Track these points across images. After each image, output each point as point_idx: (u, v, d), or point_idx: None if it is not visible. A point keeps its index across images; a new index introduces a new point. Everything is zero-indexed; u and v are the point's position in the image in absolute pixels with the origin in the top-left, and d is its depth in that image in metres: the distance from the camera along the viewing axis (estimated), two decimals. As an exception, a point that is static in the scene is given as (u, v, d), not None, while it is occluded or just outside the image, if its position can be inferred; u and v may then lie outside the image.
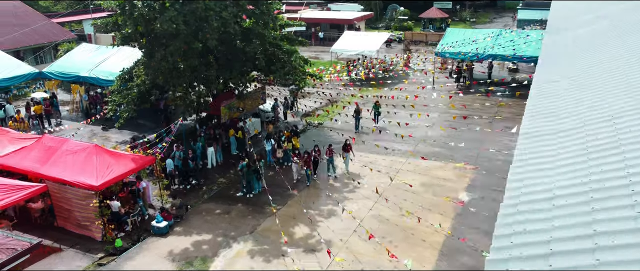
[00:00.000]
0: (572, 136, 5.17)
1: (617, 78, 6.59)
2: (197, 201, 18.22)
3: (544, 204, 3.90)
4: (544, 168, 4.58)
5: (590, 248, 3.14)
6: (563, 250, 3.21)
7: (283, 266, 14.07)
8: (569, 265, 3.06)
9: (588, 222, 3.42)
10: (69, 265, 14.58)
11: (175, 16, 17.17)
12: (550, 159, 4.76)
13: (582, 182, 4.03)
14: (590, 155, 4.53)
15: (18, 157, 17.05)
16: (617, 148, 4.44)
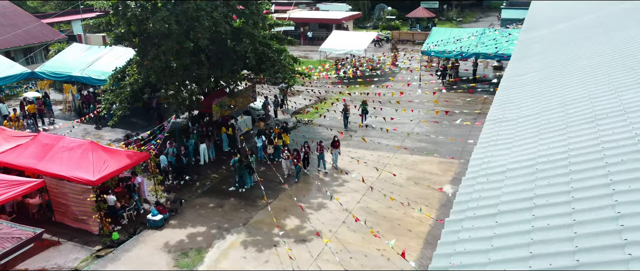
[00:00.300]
0: (530, 120, 5.89)
1: (573, 72, 7.32)
2: (191, 196, 18.78)
3: (498, 176, 4.59)
4: (502, 148, 5.27)
5: (528, 207, 3.82)
6: (506, 209, 3.89)
7: (275, 256, 14.70)
8: (509, 221, 3.73)
9: (531, 188, 4.11)
10: (68, 257, 15.08)
11: (168, 16, 17.70)
12: (509, 140, 5.46)
13: (531, 157, 4.72)
14: (541, 135, 5.23)
15: (15, 154, 17.48)
16: (563, 129, 5.15)
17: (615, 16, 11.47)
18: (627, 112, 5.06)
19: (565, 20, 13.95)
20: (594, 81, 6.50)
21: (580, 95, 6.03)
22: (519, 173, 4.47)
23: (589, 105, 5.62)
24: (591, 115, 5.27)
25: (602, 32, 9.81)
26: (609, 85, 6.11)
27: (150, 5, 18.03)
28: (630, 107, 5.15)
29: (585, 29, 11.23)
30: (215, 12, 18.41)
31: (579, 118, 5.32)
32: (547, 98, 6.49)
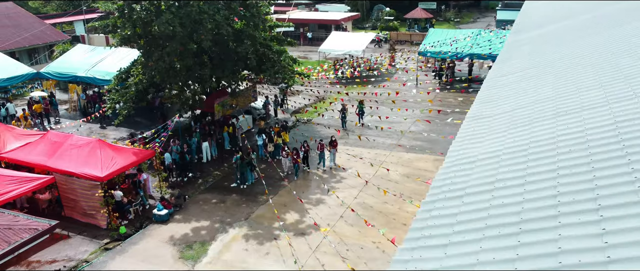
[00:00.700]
0: (504, 117, 6.61)
1: (547, 74, 8.03)
2: (194, 192, 19.50)
3: (468, 166, 5.31)
4: (476, 141, 5.99)
5: (488, 189, 4.53)
6: (471, 192, 4.61)
7: (275, 249, 15.42)
8: (472, 200, 4.43)
9: (493, 174, 4.83)
10: (77, 250, 15.81)
11: (172, 19, 18.42)
12: (483, 134, 6.18)
13: (497, 149, 5.44)
14: (509, 130, 5.95)
15: (25, 151, 18.21)
16: (528, 125, 5.86)
17: (596, 20, 12.19)
18: (583, 109, 5.78)
19: (553, 22, 14.66)
20: (563, 82, 7.22)
21: (547, 95, 6.75)
22: (486, 162, 5.19)
23: (553, 104, 6.34)
24: (554, 112, 5.99)
25: (582, 36, 10.53)
26: (574, 85, 6.83)
27: (155, 8, 18.75)
28: (587, 105, 5.86)
29: (568, 31, 11.95)
30: (218, 14, 19.13)
31: (543, 115, 6.04)
32: (521, 97, 7.21)
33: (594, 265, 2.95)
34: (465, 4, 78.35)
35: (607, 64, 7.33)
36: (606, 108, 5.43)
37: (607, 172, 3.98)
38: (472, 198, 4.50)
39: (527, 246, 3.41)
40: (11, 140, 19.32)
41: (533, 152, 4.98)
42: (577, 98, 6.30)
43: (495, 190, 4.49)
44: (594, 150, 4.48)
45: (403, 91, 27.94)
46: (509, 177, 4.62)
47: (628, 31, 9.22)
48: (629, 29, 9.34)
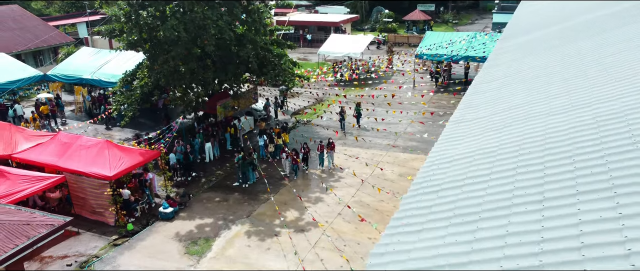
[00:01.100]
0: (481, 121, 7.38)
1: (524, 81, 8.80)
2: (198, 190, 20.29)
3: (446, 164, 6.09)
4: (455, 143, 6.76)
5: (459, 185, 5.31)
6: (446, 187, 5.38)
7: (276, 244, 16.21)
8: (446, 195, 5.19)
9: (465, 172, 5.61)
10: (87, 245, 16.59)
11: (177, 24, 19.19)
12: (461, 137, 6.95)
13: (472, 150, 6.20)
14: (484, 133, 6.72)
15: (36, 152, 18.99)
16: (501, 129, 6.63)
17: (576, 28, 12.96)
18: (550, 114, 6.55)
19: (538, 29, 15.44)
20: (536, 89, 8.00)
21: (522, 101, 7.53)
22: (461, 162, 5.97)
23: (525, 109, 7.12)
24: (523, 117, 6.77)
25: (561, 44, 11.31)
26: (545, 93, 7.61)
27: (161, 14, 19.53)
28: (553, 110, 6.64)
29: (549, 39, 12.72)
30: (221, 20, 19.90)
31: (515, 119, 6.82)
32: (497, 104, 7.99)
33: (531, 244, 3.72)
34: (464, 5, 79.19)
35: (576, 73, 8.11)
36: (566, 115, 6.21)
37: (556, 170, 4.76)
38: (445, 193, 5.29)
39: (483, 230, 4.19)
40: (22, 141, 20.09)
41: (500, 153, 5.76)
42: (546, 104, 7.09)
43: (464, 185, 5.27)
44: (550, 152, 5.26)
45: (399, 93, 28.74)
46: (477, 174, 5.40)
47: (600, 41, 10.00)
48: (601, 39, 10.12)
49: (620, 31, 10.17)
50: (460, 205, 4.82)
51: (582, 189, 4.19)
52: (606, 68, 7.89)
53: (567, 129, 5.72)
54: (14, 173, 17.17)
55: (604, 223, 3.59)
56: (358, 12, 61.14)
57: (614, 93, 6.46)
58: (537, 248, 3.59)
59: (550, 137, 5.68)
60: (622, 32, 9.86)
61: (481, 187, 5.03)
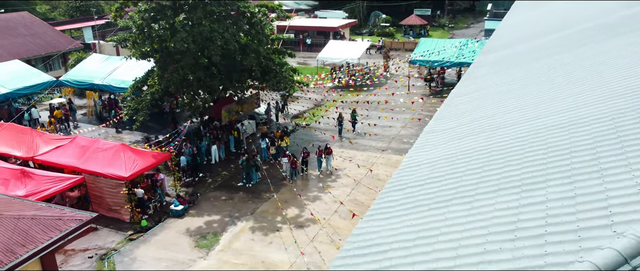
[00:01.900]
0: (448, 132, 9.00)
1: (491, 95, 10.39)
2: (205, 190, 21.90)
3: (415, 168, 7.71)
4: (426, 150, 8.37)
5: (421, 185, 6.92)
6: (412, 185, 6.99)
7: (278, 239, 17.82)
8: (411, 192, 6.80)
9: (428, 175, 7.21)
10: (106, 240, 18.21)
11: (186, 37, 20.81)
12: (432, 145, 8.57)
13: (438, 156, 7.81)
14: (450, 142, 8.33)
15: (57, 154, 20.59)
16: (464, 137, 8.24)
17: (549, 44, 14.57)
18: (501, 128, 8.16)
19: (518, 43, 17.05)
20: (497, 104, 9.62)
21: (485, 114, 9.15)
22: (426, 166, 7.57)
23: (486, 121, 8.74)
24: (488, 128, 8.38)
25: (529, 61, 12.94)
26: (504, 108, 9.23)
27: (171, 27, 21.13)
28: (506, 124, 8.25)
29: (522, 55, 14.34)
30: (226, 33, 21.51)
31: (477, 130, 8.43)
32: (466, 115, 9.62)
33: (461, 228, 5.33)
34: (460, 9, 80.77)
35: (530, 91, 9.74)
36: (513, 128, 7.83)
37: (490, 173, 6.38)
38: (410, 190, 6.91)
39: (429, 217, 5.80)
40: (42, 144, 21.69)
41: (458, 159, 7.38)
42: (502, 117, 8.71)
43: (425, 185, 6.90)
44: (493, 159, 6.87)
45: (393, 99, 30.38)
46: (435, 176, 7.03)
47: (558, 60, 11.61)
48: (569, 57, 11.72)
49: (578, 51, 11.79)
50: (420, 199, 6.45)
51: (503, 186, 5.82)
52: (556, 86, 9.51)
53: (512, 140, 7.33)
54: (38, 174, 18.77)
55: (530, 207, 5.20)
56: (356, 16, 62.74)
57: (559, 108, 8.04)
58: (461, 234, 5.21)
59: (497, 147, 7.30)
60: (578, 53, 11.48)
61: (436, 186, 6.66)
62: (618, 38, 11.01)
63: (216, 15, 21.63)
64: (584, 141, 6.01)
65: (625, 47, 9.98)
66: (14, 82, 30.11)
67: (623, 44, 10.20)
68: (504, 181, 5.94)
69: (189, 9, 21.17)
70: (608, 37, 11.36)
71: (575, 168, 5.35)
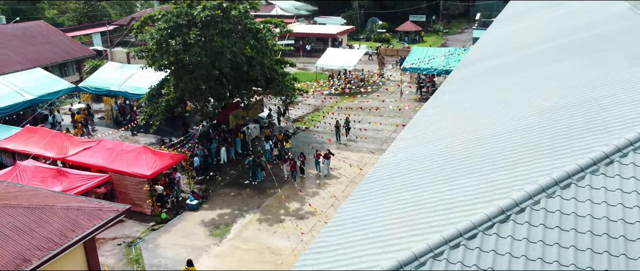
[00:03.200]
0: (413, 139, 11.74)
1: (459, 109, 13.09)
2: (216, 187, 24.63)
3: (384, 167, 10.45)
4: (396, 153, 11.10)
5: (386, 177, 9.64)
6: (382, 178, 9.72)
7: (281, 229, 20.56)
8: (382, 184, 9.50)
9: (393, 172, 9.93)
10: (131, 230, 20.95)
11: (199, 51, 23.52)
12: (401, 149, 11.30)
13: (402, 159, 10.54)
14: (416, 146, 11.06)
15: (86, 155, 23.31)
16: (429, 143, 10.97)
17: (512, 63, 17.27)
18: (447, 137, 10.88)
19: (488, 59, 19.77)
20: (462, 117, 12.35)
21: (440, 127, 11.88)
22: (391, 166, 10.31)
23: (447, 132, 11.46)
24: (440, 137, 11.11)
25: (490, 80, 15.66)
26: (454, 121, 11.95)
27: (186, 42, 23.85)
28: (451, 134, 10.96)
29: (486, 72, 17.07)
30: (234, 47, 24.22)
31: (433, 139, 11.16)
32: (433, 125, 12.35)
33: (406, 209, 8.06)
34: (454, 14, 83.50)
35: (479, 107, 12.49)
36: (456, 138, 10.56)
37: (433, 172, 9.10)
38: (380, 182, 9.64)
39: (390, 202, 8.53)
40: (71, 147, 24.43)
41: (413, 161, 10.12)
42: (459, 128, 11.44)
43: (388, 177, 9.65)
44: (436, 161, 9.60)
45: (385, 104, 33.17)
46: (396, 172, 9.78)
47: (516, 79, 14.32)
48: (517, 78, 14.42)
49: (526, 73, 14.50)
50: (384, 187, 9.20)
51: (439, 178, 8.55)
52: (502, 103, 12.22)
53: (454, 146, 10.06)
54: (71, 173, 21.52)
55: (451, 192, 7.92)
56: (354, 23, 65.45)
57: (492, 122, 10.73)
58: (406, 212, 7.93)
59: (439, 152, 10.04)
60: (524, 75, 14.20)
61: (394, 180, 9.41)
62: (564, 61, 13.73)
63: (226, 31, 24.33)
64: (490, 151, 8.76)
65: (560, 71, 12.72)
66: (38, 88, 32.84)
67: (565, 67, 12.93)
68: (438, 177, 8.69)
69: (202, 26, 23.88)
70: (555, 61, 14.08)
71: (475, 170, 8.11)
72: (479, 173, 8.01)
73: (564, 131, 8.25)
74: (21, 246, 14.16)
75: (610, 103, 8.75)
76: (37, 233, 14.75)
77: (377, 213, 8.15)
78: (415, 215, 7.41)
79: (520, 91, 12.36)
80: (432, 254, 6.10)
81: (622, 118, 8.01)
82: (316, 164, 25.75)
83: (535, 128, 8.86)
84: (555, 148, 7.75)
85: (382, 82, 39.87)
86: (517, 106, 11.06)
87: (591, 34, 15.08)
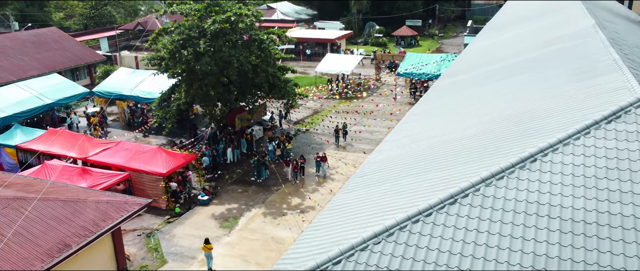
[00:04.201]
0: (393, 142, 14.05)
1: (436, 115, 15.38)
2: (224, 184, 26.97)
3: (370, 165, 12.77)
4: (381, 153, 13.41)
5: (372, 173, 11.93)
6: (367, 174, 12.01)
7: (284, 221, 22.87)
8: (366, 178, 11.78)
9: (377, 169, 12.23)
10: (149, 222, 23.27)
11: (209, 61, 25.84)
12: (385, 150, 13.62)
13: (384, 158, 12.84)
14: (397, 148, 13.38)
15: (107, 155, 25.61)
16: (406, 145, 13.27)
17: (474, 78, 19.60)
18: (411, 143, 13.20)
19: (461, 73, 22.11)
20: (433, 123, 14.67)
21: (418, 131, 14.20)
22: (375, 164, 12.62)
23: (420, 136, 13.79)
24: (413, 140, 13.43)
25: (459, 90, 17.99)
26: (427, 127, 14.27)
27: (196, 52, 26.15)
28: (422, 138, 13.27)
29: (459, 84, 19.39)
30: (241, 57, 26.53)
31: (412, 140, 13.48)
32: (411, 130, 14.67)
33: (385, 196, 10.38)
34: (450, 17, 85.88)
35: (447, 115, 14.83)
36: (425, 142, 12.89)
37: (403, 168, 11.42)
38: (366, 177, 11.98)
39: (372, 192, 10.86)
40: (90, 147, 26.75)
41: (391, 160, 12.46)
42: (421, 134, 13.78)
43: (372, 173, 12.00)
44: (408, 159, 11.92)
45: (379, 107, 35.49)
46: (379, 169, 12.12)
47: (481, 92, 16.66)
48: (482, 91, 16.75)
49: (488, 86, 16.84)
50: (366, 178, 11.55)
51: (409, 173, 10.88)
52: (463, 112, 14.54)
53: (421, 149, 12.39)
54: (95, 171, 23.85)
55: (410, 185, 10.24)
56: (352, 27, 67.78)
57: (451, 129, 13.04)
58: (385, 198, 10.25)
59: (411, 153, 12.38)
60: (486, 88, 16.54)
61: (382, 175, 11.76)
62: (518, 76, 16.07)
63: (233, 42, 26.65)
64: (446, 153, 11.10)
65: (512, 85, 15.07)
66: (55, 93, 35.15)
67: (516, 82, 15.27)
68: (409, 172, 11.03)
69: (212, 37, 26.20)
70: (512, 75, 16.42)
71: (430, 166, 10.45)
72: (439, 169, 10.37)
73: (503, 136, 10.62)
74: (62, 234, 16.50)
75: (543, 115, 11.11)
76: (74, 222, 17.10)
77: (362, 200, 10.51)
78: (390, 200, 9.76)
79: (479, 102, 14.73)
80: (398, 227, 8.44)
81: (550, 127, 10.36)
82: (316, 164, 28.04)
83: (482, 134, 11.23)
84: (496, 150, 10.12)
85: (377, 87, 42.17)
86: (473, 115, 13.44)
87: (549, 51, 17.44)
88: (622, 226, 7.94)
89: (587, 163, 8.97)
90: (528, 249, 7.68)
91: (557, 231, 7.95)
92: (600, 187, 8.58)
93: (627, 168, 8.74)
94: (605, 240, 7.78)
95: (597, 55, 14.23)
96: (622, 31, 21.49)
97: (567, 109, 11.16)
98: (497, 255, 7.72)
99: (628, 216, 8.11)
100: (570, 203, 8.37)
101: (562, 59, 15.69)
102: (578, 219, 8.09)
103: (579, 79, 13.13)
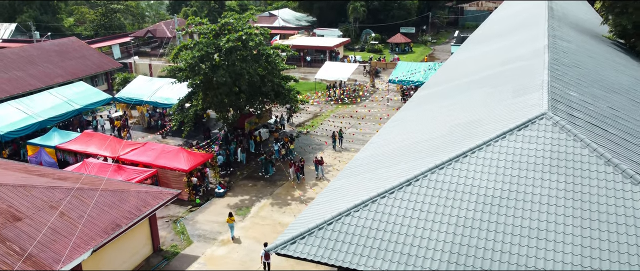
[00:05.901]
0: (376, 143, 18.19)
1: (412, 122, 19.47)
2: (236, 180, 31.14)
3: (357, 161, 16.91)
4: (366, 152, 17.52)
5: (359, 167, 16.00)
6: (354, 167, 16.10)
7: (289, 210, 27.03)
8: (356, 170, 15.84)
9: (362, 163, 16.32)
10: (174, 211, 27.44)
11: (224, 73, 30.01)
12: (368, 148, 17.75)
13: (368, 155, 16.93)
14: (379, 147, 17.50)
15: (136, 154, 29.76)
16: (386, 145, 17.38)
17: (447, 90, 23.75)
18: (396, 141, 17.32)
19: (437, 85, 26.28)
20: (407, 128, 18.80)
21: (396, 133, 18.34)
22: (361, 159, 16.75)
23: (395, 137, 17.93)
24: (391, 141, 17.56)
25: (433, 100, 22.15)
26: (405, 131, 18.40)
27: (213, 66, 30.32)
28: (397, 140, 17.38)
29: (436, 94, 23.56)
30: (251, 69, 30.69)
31: (389, 141, 17.62)
32: (391, 133, 18.82)
33: (365, 184, 14.54)
34: (443, 24, 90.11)
35: (421, 121, 19.01)
36: (400, 143, 17.05)
37: (385, 163, 15.58)
38: (354, 169, 16.16)
39: (357, 179, 15.02)
40: (120, 147, 30.92)
41: (373, 156, 16.63)
42: (398, 136, 17.95)
43: (358, 167, 16.20)
44: (384, 156, 16.06)
45: (373, 111, 39.66)
46: (365, 163, 16.30)
47: (448, 103, 20.82)
48: (450, 102, 20.91)
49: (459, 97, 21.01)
50: (354, 171, 15.75)
51: (384, 166, 15.06)
52: (433, 117, 18.67)
53: (395, 148, 16.55)
54: (127, 168, 28.02)
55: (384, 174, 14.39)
56: (350, 35, 71.98)
57: (423, 131, 17.17)
58: (364, 185, 14.41)
59: (387, 151, 16.56)
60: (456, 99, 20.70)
61: (365, 168, 15.97)
62: (478, 90, 20.22)
63: (244, 57, 30.83)
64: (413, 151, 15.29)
65: (470, 98, 19.23)
66: (83, 99, 39.32)
67: (474, 96, 19.44)
68: (384, 165, 15.22)
69: (226, 52, 30.38)
70: (473, 89, 20.59)
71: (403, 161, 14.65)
72: (404, 162, 14.57)
73: (454, 139, 14.82)
74: (113, 216, 20.66)
75: (484, 123, 15.29)
76: (121, 207, 21.28)
77: (348, 185, 14.71)
78: (367, 184, 13.97)
79: (443, 112, 18.91)
80: (371, 200, 12.64)
81: (485, 132, 14.54)
82: (316, 166, 32.09)
83: (441, 137, 15.48)
84: (445, 149, 14.32)
85: (371, 93, 46.32)
86: (439, 122, 17.62)
87: (504, 70, 21.63)
88: (523, 200, 12.11)
89: (501, 158, 13.17)
90: (459, 214, 11.90)
91: (480, 203, 12.12)
92: (508, 174, 12.77)
93: (526, 161, 12.94)
94: (511, 208, 11.97)
95: (533, 76, 18.41)
96: (572, 50, 25.63)
97: (499, 119, 15.35)
98: (434, 217, 11.94)
99: (528, 193, 12.29)
100: (487, 185, 12.56)
101: (510, 77, 19.89)
102: (494, 196, 12.26)
103: (516, 95, 17.32)
